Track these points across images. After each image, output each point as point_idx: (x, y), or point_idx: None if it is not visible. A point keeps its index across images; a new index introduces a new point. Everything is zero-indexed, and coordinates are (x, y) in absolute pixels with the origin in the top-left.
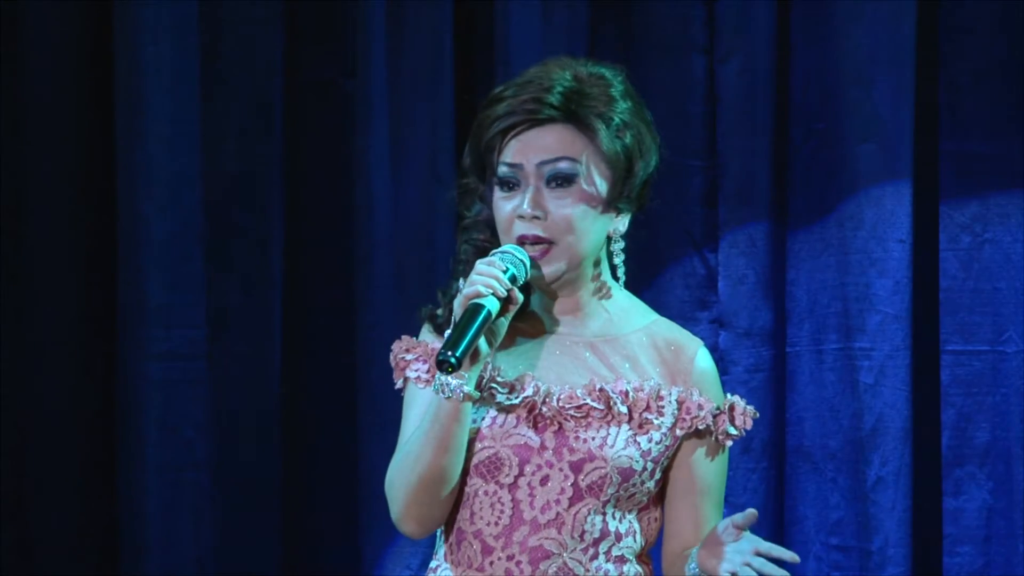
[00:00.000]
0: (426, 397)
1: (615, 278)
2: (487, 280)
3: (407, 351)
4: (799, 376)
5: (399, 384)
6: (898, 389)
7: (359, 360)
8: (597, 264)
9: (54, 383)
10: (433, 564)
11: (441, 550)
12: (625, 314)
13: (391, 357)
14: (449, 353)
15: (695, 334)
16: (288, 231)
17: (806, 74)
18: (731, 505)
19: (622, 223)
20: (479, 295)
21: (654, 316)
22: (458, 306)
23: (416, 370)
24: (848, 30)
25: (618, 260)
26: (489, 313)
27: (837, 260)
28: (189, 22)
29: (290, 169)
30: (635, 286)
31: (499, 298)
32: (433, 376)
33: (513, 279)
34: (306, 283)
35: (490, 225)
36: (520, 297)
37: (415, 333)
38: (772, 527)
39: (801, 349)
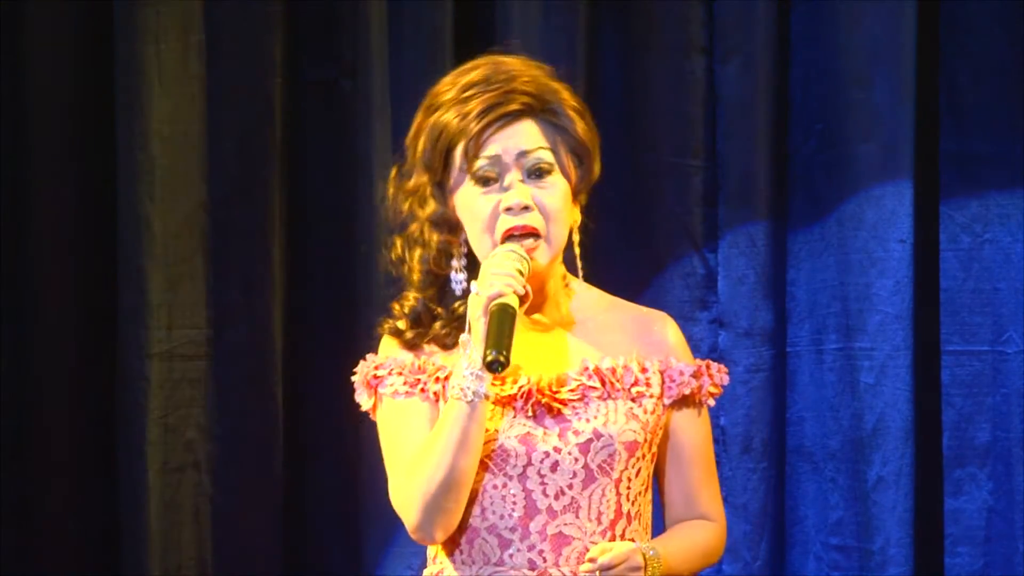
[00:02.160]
0: (411, 408)
1: (575, 270)
2: (506, 279)
3: (376, 369)
4: (799, 376)
5: (367, 405)
6: (899, 389)
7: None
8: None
9: (54, 383)
10: (433, 568)
11: (442, 553)
12: (586, 299)
13: (358, 379)
14: (496, 353)
15: (695, 334)
16: (288, 231)
17: (806, 74)
18: (731, 505)
19: (578, 214)
20: (502, 294)
21: (611, 298)
22: (478, 308)
23: (391, 384)
24: (848, 30)
25: (577, 251)
26: (515, 311)
27: (837, 260)
28: (189, 22)
29: (290, 169)
30: (635, 286)
31: (518, 295)
32: (411, 385)
33: (520, 274)
34: (306, 283)
35: (446, 223)
36: (531, 293)
37: None
38: (772, 527)
39: (801, 349)
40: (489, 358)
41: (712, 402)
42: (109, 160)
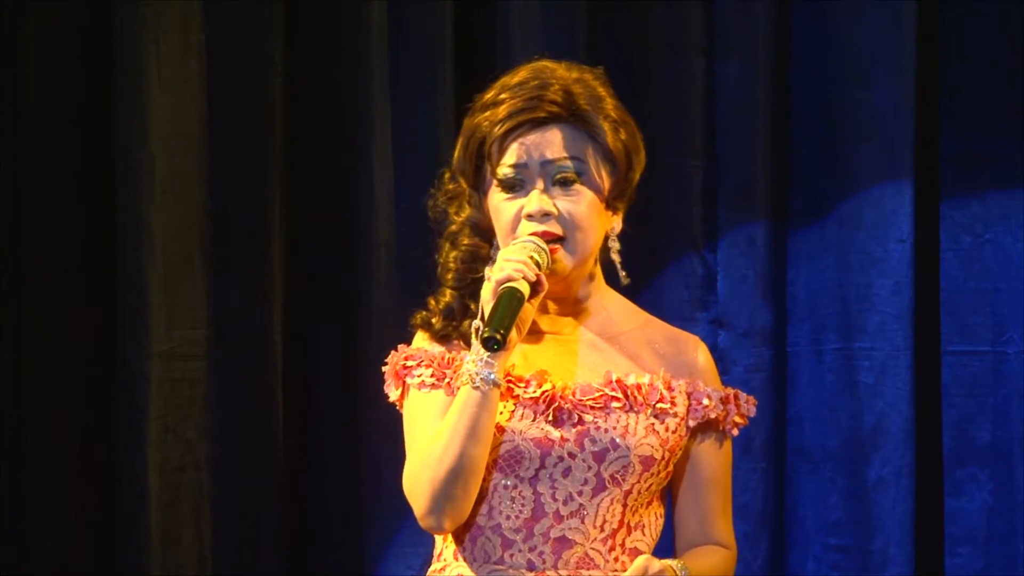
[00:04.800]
0: (435, 401)
1: (618, 278)
2: (517, 265)
3: (406, 359)
4: (799, 376)
5: (395, 395)
6: (899, 389)
7: (360, 360)
8: (595, 264)
9: (54, 383)
10: (437, 565)
11: (449, 549)
12: (620, 314)
13: (388, 368)
14: (493, 331)
15: (695, 334)
16: (288, 231)
17: (806, 74)
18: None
19: (618, 222)
20: (511, 279)
21: (646, 315)
22: (488, 293)
23: (419, 375)
24: (848, 30)
25: (615, 258)
26: (523, 296)
27: (837, 260)
28: (189, 22)
29: (290, 169)
30: (635, 286)
31: (529, 282)
32: (438, 378)
33: (538, 265)
34: (306, 283)
35: (479, 229)
36: (546, 283)
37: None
38: (772, 527)
39: (801, 349)
40: (485, 335)
41: (736, 432)
42: (109, 160)
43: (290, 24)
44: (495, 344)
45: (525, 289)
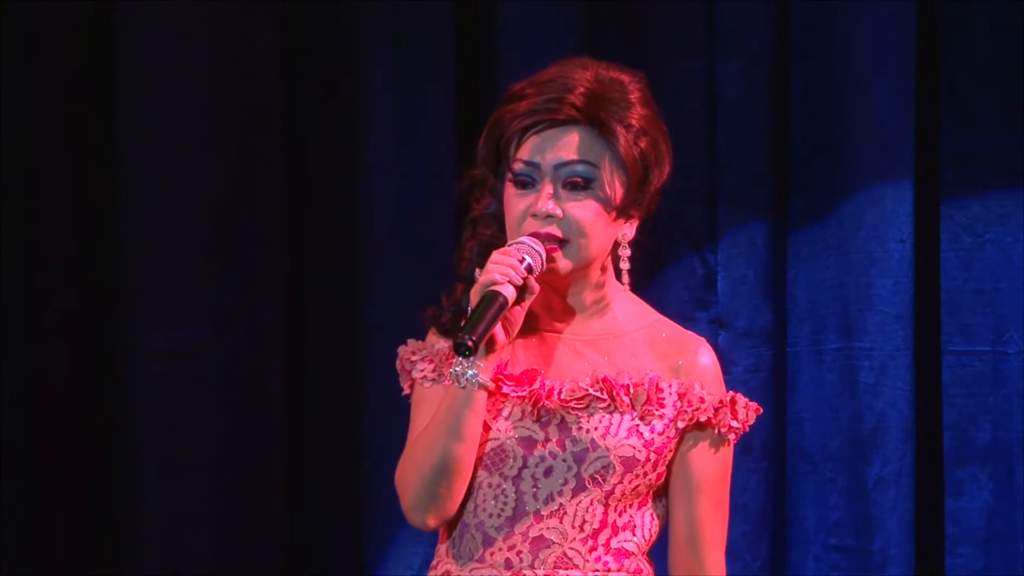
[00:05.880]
0: (434, 396)
1: (620, 284)
2: (503, 268)
3: (413, 353)
4: (799, 376)
5: (407, 390)
6: (899, 389)
7: (361, 360)
8: (604, 269)
9: (54, 383)
10: (433, 561)
11: (443, 545)
12: (628, 314)
13: (398, 363)
14: (465, 336)
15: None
16: (288, 231)
17: (806, 74)
18: (732, 505)
19: (630, 229)
20: (495, 283)
21: (657, 317)
22: (473, 294)
23: (422, 370)
24: (848, 30)
25: (623, 266)
26: (505, 300)
27: (837, 260)
28: (191, 21)
29: (290, 169)
30: (635, 286)
31: (516, 286)
32: (439, 374)
33: (529, 268)
34: (307, 283)
35: (497, 219)
36: (536, 287)
37: (417, 332)
38: (772, 527)
39: (801, 349)
40: (456, 340)
41: (733, 437)
42: (109, 160)
43: (290, 24)
44: (465, 350)
45: (510, 294)
